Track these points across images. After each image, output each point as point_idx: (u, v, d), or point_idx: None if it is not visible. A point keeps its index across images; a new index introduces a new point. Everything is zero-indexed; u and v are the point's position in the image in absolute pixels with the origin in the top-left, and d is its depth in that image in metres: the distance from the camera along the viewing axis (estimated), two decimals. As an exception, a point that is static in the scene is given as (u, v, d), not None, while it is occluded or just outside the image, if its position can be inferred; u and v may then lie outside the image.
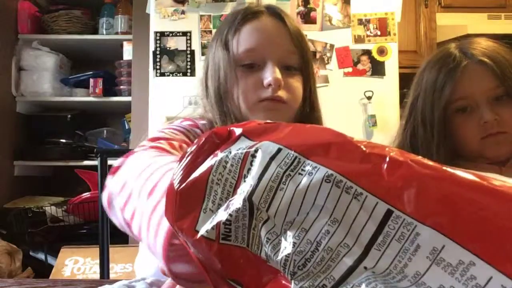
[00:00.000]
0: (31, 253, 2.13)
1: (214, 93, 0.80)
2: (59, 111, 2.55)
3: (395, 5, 1.97)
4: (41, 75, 2.44)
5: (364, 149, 0.27)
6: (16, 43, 2.46)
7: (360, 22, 1.96)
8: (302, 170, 0.27)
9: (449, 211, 0.23)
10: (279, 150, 0.28)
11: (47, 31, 2.52)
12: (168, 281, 0.45)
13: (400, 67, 1.94)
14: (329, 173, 0.26)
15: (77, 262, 1.94)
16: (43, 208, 2.17)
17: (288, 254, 0.27)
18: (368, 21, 1.95)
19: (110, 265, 1.19)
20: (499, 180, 0.24)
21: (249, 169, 0.29)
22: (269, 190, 0.28)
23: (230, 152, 0.31)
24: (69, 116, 2.50)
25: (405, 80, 1.74)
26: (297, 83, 0.80)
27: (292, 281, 0.27)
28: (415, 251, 0.24)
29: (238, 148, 0.30)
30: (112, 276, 1.68)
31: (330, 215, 0.26)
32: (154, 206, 0.40)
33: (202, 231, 0.30)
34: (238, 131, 0.32)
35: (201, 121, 0.80)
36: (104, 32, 2.51)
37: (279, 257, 0.27)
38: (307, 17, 1.96)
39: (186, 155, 0.32)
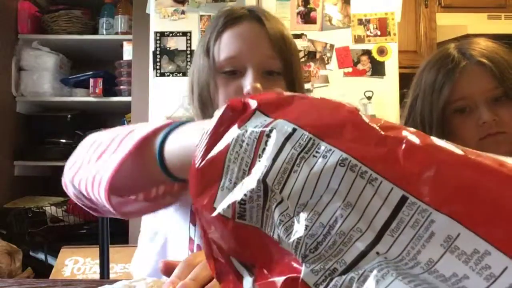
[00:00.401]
0: (31, 253, 2.13)
1: (197, 100, 0.80)
2: (59, 111, 2.54)
3: (395, 5, 1.97)
4: (41, 75, 2.44)
5: (379, 130, 0.26)
6: (16, 43, 2.45)
7: (360, 22, 1.96)
8: (316, 152, 0.27)
9: (465, 199, 0.23)
10: (294, 130, 0.28)
11: (47, 31, 2.52)
12: (168, 281, 0.45)
13: (400, 67, 1.94)
14: (344, 157, 0.26)
15: (77, 262, 1.94)
16: (43, 208, 2.17)
17: (300, 236, 0.27)
18: (368, 21, 1.95)
19: (110, 265, 1.20)
20: None
21: (264, 149, 0.29)
22: (283, 172, 0.28)
23: (246, 131, 0.30)
24: (69, 116, 2.50)
25: (405, 80, 1.74)
26: (278, 89, 0.78)
27: (304, 263, 0.27)
28: (429, 238, 0.23)
29: (255, 126, 0.30)
30: (112, 276, 1.68)
31: (343, 199, 0.26)
32: (100, 164, 0.47)
33: (219, 208, 0.30)
34: (253, 104, 0.32)
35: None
36: (104, 32, 2.51)
37: (291, 240, 0.27)
38: (307, 17, 1.96)
39: (205, 132, 0.33)
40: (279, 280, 0.28)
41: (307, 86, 1.89)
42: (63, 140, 2.46)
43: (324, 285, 0.26)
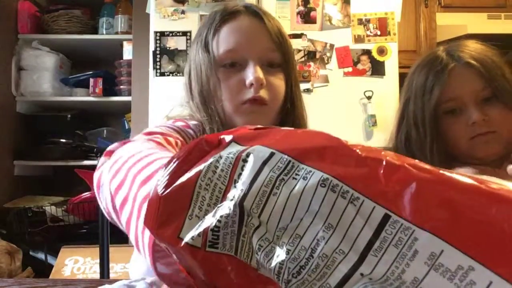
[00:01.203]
0: (31, 253, 2.13)
1: (198, 95, 0.80)
2: (59, 111, 2.54)
3: (395, 5, 1.97)
4: (41, 75, 2.44)
5: (359, 152, 0.26)
6: (16, 43, 2.45)
7: (360, 22, 1.96)
8: (296, 174, 0.26)
9: (447, 216, 0.23)
10: (272, 154, 0.28)
11: (47, 31, 2.52)
12: None
13: (400, 67, 1.94)
14: (325, 177, 0.26)
15: (77, 262, 1.94)
16: (43, 208, 2.17)
17: (282, 261, 0.26)
18: (368, 21, 1.95)
19: (110, 265, 1.20)
20: (497, 184, 0.24)
21: (240, 174, 0.28)
22: (262, 195, 0.27)
23: (221, 157, 0.29)
24: (69, 116, 2.50)
25: (405, 80, 1.74)
26: (279, 81, 0.80)
27: None
28: (413, 257, 0.23)
29: (229, 153, 0.29)
30: (112, 276, 1.68)
31: (325, 221, 0.25)
32: (145, 197, 0.38)
33: (187, 238, 0.28)
34: (228, 138, 0.31)
35: (192, 122, 0.80)
36: (104, 32, 2.51)
37: (273, 265, 0.26)
38: (307, 17, 1.96)
39: (173, 160, 0.31)
40: None
41: (307, 86, 1.89)
42: (63, 140, 2.46)
43: None
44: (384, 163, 0.25)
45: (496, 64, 0.85)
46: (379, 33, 1.95)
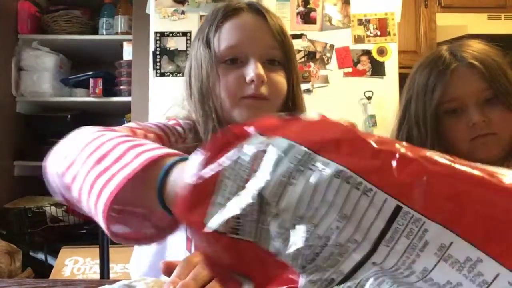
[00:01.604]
0: (31, 253, 2.13)
1: (197, 92, 0.80)
2: (59, 111, 2.54)
3: (395, 5, 1.97)
4: (41, 75, 2.44)
5: (374, 145, 0.27)
6: (16, 43, 2.45)
7: (360, 22, 1.96)
8: (312, 165, 0.27)
9: (457, 208, 0.24)
10: (290, 146, 0.29)
11: (47, 31, 2.52)
12: (169, 281, 0.45)
13: (400, 67, 1.94)
14: (339, 169, 0.26)
15: (77, 262, 1.94)
16: (43, 208, 2.17)
17: (298, 248, 0.27)
18: (368, 21, 1.95)
19: (110, 265, 1.19)
20: (507, 176, 0.24)
21: (260, 164, 0.29)
22: (280, 185, 0.28)
23: (243, 148, 0.31)
24: (69, 116, 2.50)
25: (405, 80, 1.73)
26: (280, 78, 0.79)
27: (302, 274, 0.27)
28: (423, 247, 0.24)
29: (251, 144, 0.31)
30: (112, 276, 1.68)
31: (339, 211, 0.26)
32: (101, 171, 0.43)
33: (212, 224, 0.30)
34: (251, 129, 0.32)
35: (185, 121, 0.81)
36: (104, 32, 2.51)
37: (289, 251, 0.27)
38: (307, 17, 1.96)
39: (201, 152, 0.33)
40: None
41: (307, 86, 1.89)
42: (63, 140, 2.45)
43: None
44: (397, 155, 0.26)
45: (499, 65, 0.85)
46: (379, 33, 1.95)
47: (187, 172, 0.33)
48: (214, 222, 0.30)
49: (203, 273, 0.43)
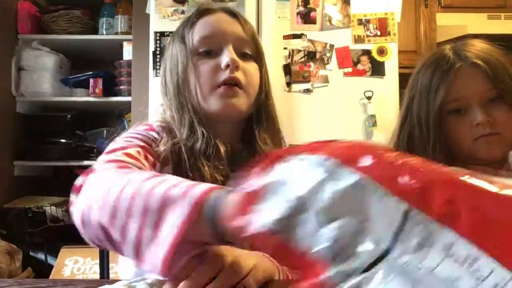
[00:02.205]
0: (31, 253, 2.13)
1: (172, 86, 0.82)
2: (59, 111, 2.54)
3: (395, 5, 1.97)
4: (41, 75, 2.44)
5: (391, 159, 0.33)
6: (16, 43, 2.45)
7: (360, 22, 1.96)
8: (340, 175, 0.33)
9: (458, 212, 0.27)
10: (323, 160, 0.35)
11: (47, 31, 2.52)
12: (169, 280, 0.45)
13: (400, 67, 1.94)
14: (360, 178, 0.32)
15: (77, 262, 1.94)
16: (43, 208, 2.17)
17: (328, 245, 0.32)
18: (368, 21, 1.95)
19: (110, 265, 1.19)
20: (504, 185, 0.28)
21: (299, 174, 0.36)
22: (314, 192, 0.34)
23: (285, 161, 0.37)
24: (69, 116, 2.50)
25: (405, 80, 1.73)
26: (253, 69, 0.81)
27: (329, 267, 0.32)
28: (431, 246, 0.28)
29: (291, 159, 0.37)
30: (112, 276, 1.68)
31: (362, 213, 0.31)
32: (152, 229, 0.45)
33: (261, 226, 0.36)
34: (295, 150, 0.39)
35: (159, 124, 0.81)
36: (104, 32, 2.51)
37: (320, 247, 0.33)
38: (307, 17, 1.96)
39: (253, 169, 0.40)
40: (310, 282, 0.34)
41: (307, 86, 1.89)
42: (63, 140, 2.46)
43: (344, 285, 0.31)
44: (408, 167, 0.31)
45: (503, 65, 0.85)
46: (379, 33, 1.95)
47: (231, 201, 0.39)
48: (262, 224, 0.36)
49: (203, 273, 0.44)
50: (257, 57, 0.83)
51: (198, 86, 0.78)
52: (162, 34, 1.90)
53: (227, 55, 0.77)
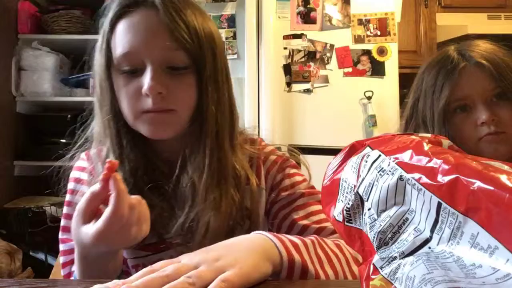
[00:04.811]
0: (31, 253, 2.13)
1: (97, 100, 0.76)
2: (59, 111, 2.54)
3: (395, 5, 1.98)
4: (41, 75, 2.44)
5: (431, 154, 0.35)
6: (16, 43, 2.45)
7: (360, 22, 1.96)
8: (388, 171, 0.37)
9: (479, 206, 0.30)
10: (378, 156, 0.39)
11: (47, 31, 2.52)
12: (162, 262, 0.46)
13: (400, 67, 1.95)
14: (402, 174, 0.36)
15: (77, 262, 1.93)
16: (43, 208, 2.17)
17: (376, 232, 0.37)
18: (368, 21, 1.95)
19: (110, 265, 1.19)
20: None
21: (361, 170, 0.40)
22: (368, 186, 0.39)
23: (355, 158, 0.42)
24: (69, 116, 2.50)
25: (405, 80, 1.74)
26: (184, 86, 0.69)
27: (376, 252, 0.37)
28: (461, 236, 0.31)
29: (359, 156, 0.42)
30: (112, 276, 1.68)
31: (404, 204, 0.36)
32: None
33: (335, 215, 0.42)
34: (366, 142, 0.43)
35: (85, 152, 0.81)
36: (104, 32, 2.51)
37: (372, 235, 0.37)
38: (307, 17, 1.96)
39: (332, 162, 0.46)
40: (365, 265, 0.39)
41: (307, 86, 1.89)
42: (63, 140, 2.45)
43: (385, 269, 0.35)
44: (442, 163, 0.34)
45: (507, 64, 0.85)
46: (379, 33, 1.95)
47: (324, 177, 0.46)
48: (336, 213, 0.42)
49: (205, 274, 0.44)
50: (194, 65, 0.69)
51: (124, 109, 0.70)
52: (162, 34, 1.90)
53: (147, 81, 0.66)
